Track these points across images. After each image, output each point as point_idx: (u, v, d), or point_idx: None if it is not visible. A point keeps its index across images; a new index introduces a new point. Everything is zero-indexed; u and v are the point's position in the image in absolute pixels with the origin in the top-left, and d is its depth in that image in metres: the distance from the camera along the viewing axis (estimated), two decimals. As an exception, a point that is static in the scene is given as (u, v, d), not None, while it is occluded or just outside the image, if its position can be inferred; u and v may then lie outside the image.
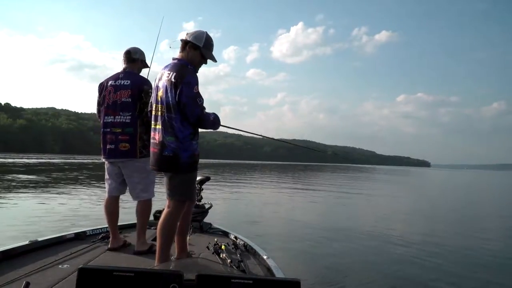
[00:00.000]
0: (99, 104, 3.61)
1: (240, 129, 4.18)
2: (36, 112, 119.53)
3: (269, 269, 3.01)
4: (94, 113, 3.73)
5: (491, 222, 12.89)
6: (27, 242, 3.22)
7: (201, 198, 4.59)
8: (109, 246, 3.51)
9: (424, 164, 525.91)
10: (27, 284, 1.49)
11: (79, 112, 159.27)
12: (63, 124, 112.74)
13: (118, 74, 3.59)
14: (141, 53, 3.70)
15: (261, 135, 4.47)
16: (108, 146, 3.48)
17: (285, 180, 32.90)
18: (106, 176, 3.66)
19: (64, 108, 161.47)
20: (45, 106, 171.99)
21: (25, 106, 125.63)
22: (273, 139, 5.61)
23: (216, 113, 2.97)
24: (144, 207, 3.55)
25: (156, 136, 2.88)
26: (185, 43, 2.94)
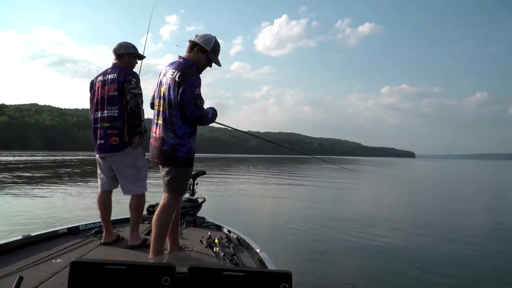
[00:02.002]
0: (91, 100, 3.63)
1: (231, 126, 4.22)
2: (19, 108, 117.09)
3: (262, 262, 3.05)
4: (77, 109, 3.77)
5: (479, 211, 13.20)
6: (20, 237, 3.23)
7: (195, 192, 4.62)
8: (102, 240, 3.53)
9: (409, 155, 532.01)
10: (21, 278, 1.50)
11: (63, 108, 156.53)
12: (46, 120, 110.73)
13: (107, 69, 3.62)
14: (126, 46, 3.66)
15: (257, 136, 4.53)
16: (98, 142, 3.50)
17: (273, 173, 33.00)
18: (98, 171, 3.68)
19: (47, 104, 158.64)
20: (27, 102, 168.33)
21: (7, 103, 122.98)
22: (265, 139, 5.67)
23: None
24: (137, 201, 3.56)
25: (157, 130, 2.96)
26: (194, 45, 3.02)
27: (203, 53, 3.01)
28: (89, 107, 3.72)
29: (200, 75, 3.01)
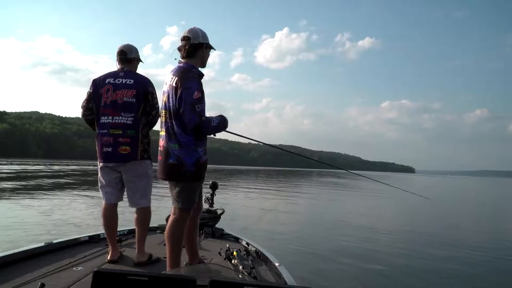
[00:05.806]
0: (89, 101, 3.32)
1: (244, 136, 4.06)
2: (20, 116, 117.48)
3: (280, 277, 2.99)
4: (78, 117, 3.58)
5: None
6: (42, 244, 3.27)
7: (213, 203, 4.57)
8: (108, 258, 3.23)
9: (409, 170, 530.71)
10: (42, 285, 1.55)
11: (63, 116, 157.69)
12: (47, 128, 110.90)
13: (117, 72, 3.35)
14: (136, 51, 3.47)
15: (267, 144, 4.46)
16: (104, 149, 3.19)
17: (279, 185, 32.89)
18: (102, 183, 3.34)
19: (48, 112, 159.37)
20: (28, 110, 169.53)
21: (8, 110, 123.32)
22: (285, 150, 5.62)
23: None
24: (145, 215, 3.31)
25: (161, 143, 2.81)
26: (196, 47, 2.84)
27: (208, 48, 2.92)
28: (82, 106, 3.38)
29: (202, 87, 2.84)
